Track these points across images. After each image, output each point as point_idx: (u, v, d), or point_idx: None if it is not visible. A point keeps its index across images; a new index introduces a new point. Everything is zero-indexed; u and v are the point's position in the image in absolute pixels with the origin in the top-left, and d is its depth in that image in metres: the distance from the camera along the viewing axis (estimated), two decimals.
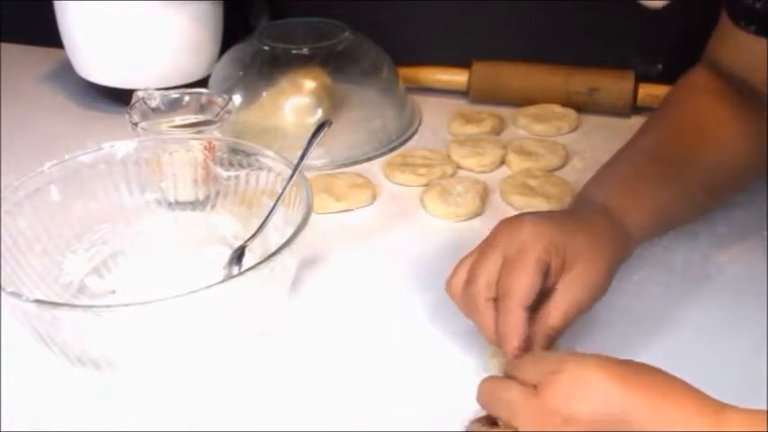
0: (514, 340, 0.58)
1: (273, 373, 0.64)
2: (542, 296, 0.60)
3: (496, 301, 0.59)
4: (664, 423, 0.47)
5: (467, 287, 0.61)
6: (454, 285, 0.62)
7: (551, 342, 0.60)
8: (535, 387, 0.50)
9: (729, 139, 0.72)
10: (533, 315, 0.59)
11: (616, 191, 0.68)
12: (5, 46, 1.21)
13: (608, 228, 0.64)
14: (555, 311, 0.59)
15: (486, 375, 0.57)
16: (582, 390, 0.48)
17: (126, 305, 0.61)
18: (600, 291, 0.61)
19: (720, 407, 0.48)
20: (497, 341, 0.59)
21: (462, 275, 0.62)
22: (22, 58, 1.19)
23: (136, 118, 0.81)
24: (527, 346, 0.58)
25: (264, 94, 0.96)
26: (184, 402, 0.62)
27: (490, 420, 0.55)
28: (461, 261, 0.62)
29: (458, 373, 0.63)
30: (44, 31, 1.08)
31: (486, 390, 0.54)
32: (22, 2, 1.17)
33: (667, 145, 0.73)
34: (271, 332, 0.68)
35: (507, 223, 0.62)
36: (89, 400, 0.62)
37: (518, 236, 0.60)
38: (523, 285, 0.58)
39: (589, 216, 0.65)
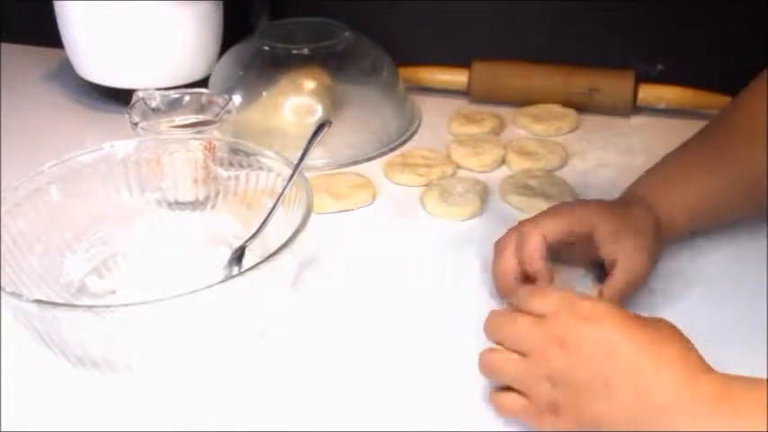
0: (537, 262, 0.66)
1: (273, 373, 0.64)
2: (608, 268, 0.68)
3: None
4: (642, 374, 0.51)
5: (505, 236, 0.70)
6: (498, 240, 0.71)
7: None
8: (542, 317, 0.55)
9: None
10: (600, 287, 0.67)
11: (656, 186, 0.73)
12: (5, 46, 1.21)
13: (649, 218, 0.69)
14: (620, 277, 0.67)
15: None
16: (586, 326, 0.53)
17: (126, 305, 0.61)
18: (649, 267, 0.68)
19: (701, 370, 0.51)
20: (509, 289, 0.67)
21: (511, 230, 0.70)
22: (22, 58, 1.20)
23: (136, 118, 0.81)
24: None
25: (264, 94, 0.96)
26: (184, 402, 0.62)
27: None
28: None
29: (458, 372, 0.63)
30: (44, 31, 1.08)
31: (495, 318, 0.59)
32: (22, 2, 1.17)
33: (713, 143, 0.73)
34: (271, 332, 0.68)
35: (565, 201, 0.74)
36: (89, 400, 0.62)
37: (563, 205, 0.71)
38: (548, 221, 0.67)
39: (634, 206, 0.71)
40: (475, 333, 0.67)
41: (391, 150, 0.96)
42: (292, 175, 0.71)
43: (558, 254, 0.70)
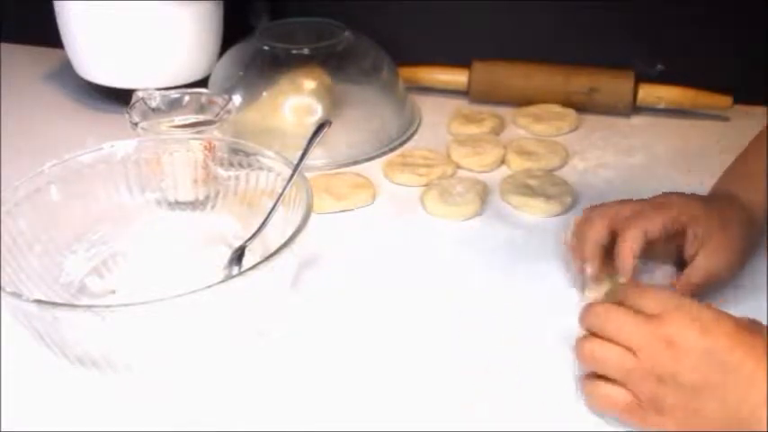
0: (629, 260, 0.66)
1: (273, 373, 0.64)
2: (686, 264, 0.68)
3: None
4: (753, 379, 0.52)
5: (598, 209, 0.71)
6: (588, 209, 0.72)
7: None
8: (649, 316, 0.55)
9: None
10: (678, 276, 0.69)
11: (740, 180, 0.74)
12: (5, 46, 1.21)
13: (739, 215, 0.70)
14: (696, 271, 0.68)
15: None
16: (695, 330, 0.53)
17: (126, 305, 0.61)
18: (734, 266, 0.69)
19: None
20: (593, 257, 0.68)
21: (602, 205, 0.71)
22: (22, 58, 1.20)
23: (136, 118, 0.81)
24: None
25: (264, 94, 0.96)
26: (184, 402, 0.62)
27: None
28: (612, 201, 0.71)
29: (458, 372, 0.63)
30: (44, 31, 1.08)
31: (596, 310, 0.58)
32: (22, 2, 1.17)
33: None
34: (271, 332, 0.68)
35: (662, 194, 0.72)
36: (89, 400, 0.62)
37: (663, 198, 0.70)
38: (652, 218, 0.67)
39: (721, 203, 0.71)
40: (475, 333, 0.67)
41: (391, 150, 0.96)
42: (292, 175, 0.71)
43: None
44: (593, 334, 0.58)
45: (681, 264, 0.70)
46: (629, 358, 0.55)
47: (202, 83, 1.01)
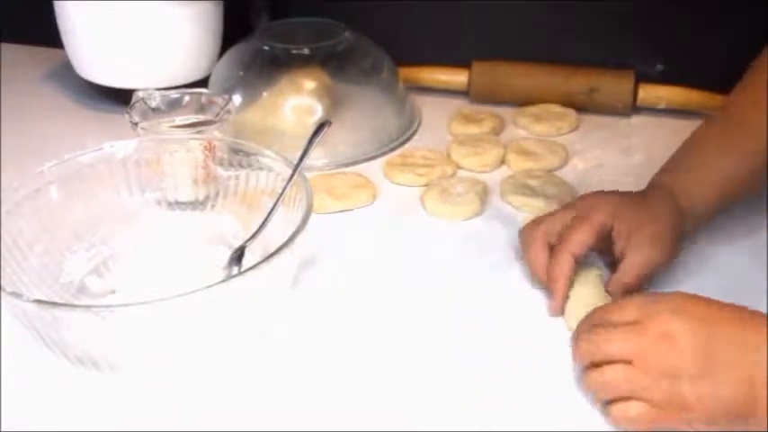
0: (562, 281, 0.68)
1: (273, 373, 0.64)
2: (618, 263, 0.69)
3: (553, 248, 0.69)
4: (744, 341, 0.53)
5: (532, 229, 0.71)
6: (525, 227, 0.73)
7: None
8: (633, 323, 0.56)
9: None
10: (610, 277, 0.69)
11: (678, 172, 0.74)
12: (5, 46, 1.21)
13: (670, 206, 0.70)
14: (628, 269, 0.68)
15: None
16: (681, 316, 0.55)
17: (126, 305, 0.61)
18: (665, 256, 0.69)
19: None
20: (542, 279, 0.70)
21: (535, 220, 0.72)
22: (22, 58, 1.20)
23: (136, 118, 0.81)
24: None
25: (264, 94, 0.96)
26: (184, 402, 0.62)
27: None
28: (542, 215, 0.73)
29: (459, 372, 0.63)
30: (44, 31, 1.08)
31: (584, 342, 0.59)
32: (22, 2, 1.17)
33: (739, 121, 0.74)
34: (271, 332, 0.68)
35: (582, 196, 0.75)
36: (89, 401, 0.62)
37: (587, 201, 0.72)
38: (577, 236, 0.68)
39: (654, 195, 0.72)
40: (475, 333, 0.67)
41: (391, 150, 0.96)
42: (292, 175, 0.71)
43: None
44: (590, 365, 0.58)
45: (613, 263, 0.71)
46: (632, 371, 0.55)
47: (202, 83, 1.01)
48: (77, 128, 1.02)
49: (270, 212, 0.72)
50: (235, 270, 0.71)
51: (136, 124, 0.80)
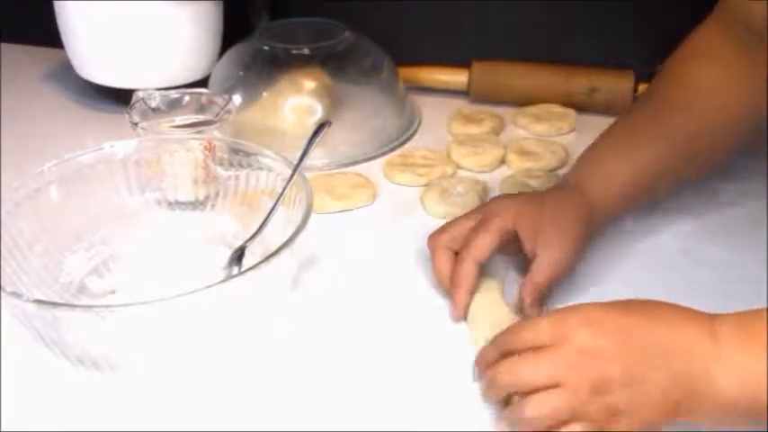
0: (463, 287, 0.67)
1: (273, 374, 0.64)
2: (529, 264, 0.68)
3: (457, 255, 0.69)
4: (670, 341, 0.53)
5: (437, 235, 0.71)
6: (432, 234, 0.72)
7: (540, 300, 0.68)
8: (551, 344, 0.54)
9: (717, 107, 0.73)
10: (521, 281, 0.68)
11: (586, 168, 0.75)
12: (5, 46, 1.21)
13: (577, 201, 0.71)
14: (539, 268, 0.68)
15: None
16: (596, 327, 0.53)
17: (126, 305, 0.61)
18: (572, 252, 0.69)
19: (709, 318, 0.53)
20: (447, 286, 0.69)
21: (440, 228, 0.72)
22: (22, 58, 1.20)
23: (136, 118, 0.81)
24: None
25: (264, 94, 0.96)
26: (184, 402, 0.62)
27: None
28: (447, 222, 0.73)
29: (458, 372, 0.63)
30: (44, 31, 1.08)
31: (499, 372, 0.56)
32: (22, 2, 1.17)
33: (647, 117, 0.75)
34: (271, 332, 0.68)
35: (491, 199, 0.74)
36: (89, 401, 0.62)
37: (491, 207, 0.71)
38: (479, 242, 0.68)
39: (561, 193, 0.73)
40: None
41: (391, 150, 0.96)
42: (292, 175, 0.71)
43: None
44: (511, 395, 0.56)
45: (525, 265, 0.70)
46: (561, 394, 0.53)
47: (202, 83, 1.01)
48: (77, 128, 1.02)
49: (270, 212, 0.72)
50: (235, 270, 0.71)
51: (136, 124, 0.80)
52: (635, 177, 0.73)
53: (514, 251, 0.71)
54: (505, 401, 0.57)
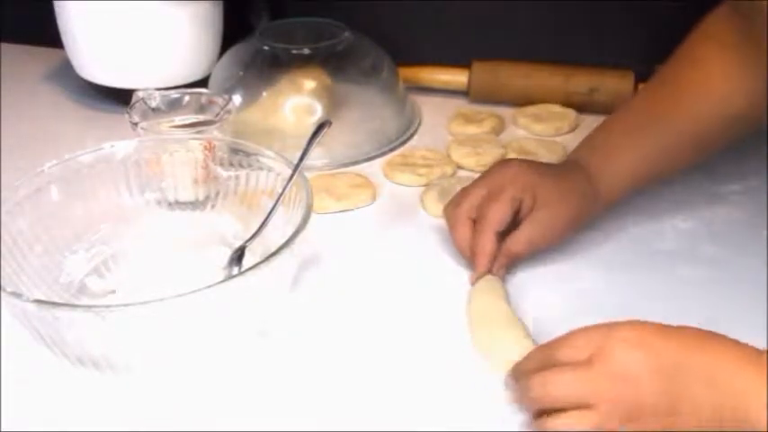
0: (485, 257, 0.70)
1: (273, 374, 0.64)
2: (512, 227, 0.71)
3: (475, 222, 0.72)
4: (712, 374, 0.50)
5: (454, 208, 0.73)
6: (448, 207, 0.75)
7: (509, 265, 0.72)
8: (585, 362, 0.52)
9: (726, 92, 0.73)
10: (502, 240, 0.71)
11: (593, 150, 0.75)
12: (5, 46, 1.21)
13: (581, 183, 0.72)
14: (517, 240, 0.71)
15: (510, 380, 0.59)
16: (636, 351, 0.51)
17: (126, 305, 0.61)
18: (558, 234, 0.72)
19: (758, 353, 0.51)
20: (470, 256, 0.72)
21: (455, 200, 0.74)
22: (22, 58, 1.20)
23: (136, 118, 0.81)
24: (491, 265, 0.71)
25: (264, 94, 0.96)
26: (184, 402, 0.62)
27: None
28: (461, 190, 0.75)
29: (458, 372, 0.63)
30: (44, 31, 1.08)
31: (531, 386, 0.55)
32: (22, 2, 1.17)
33: (656, 100, 0.76)
34: (271, 332, 0.68)
35: (499, 164, 0.76)
36: (89, 401, 0.62)
37: (503, 174, 0.73)
38: (497, 213, 0.70)
39: (567, 171, 0.74)
40: None
41: (391, 150, 0.96)
42: (292, 175, 0.71)
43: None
44: (541, 413, 0.54)
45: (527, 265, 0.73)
46: (591, 416, 0.52)
47: (202, 83, 1.01)
48: (77, 128, 1.02)
49: (270, 212, 0.72)
50: (235, 270, 0.71)
51: (136, 124, 0.80)
52: (638, 162, 0.73)
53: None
54: (538, 412, 0.56)
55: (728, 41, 0.73)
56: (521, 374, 0.57)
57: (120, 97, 0.96)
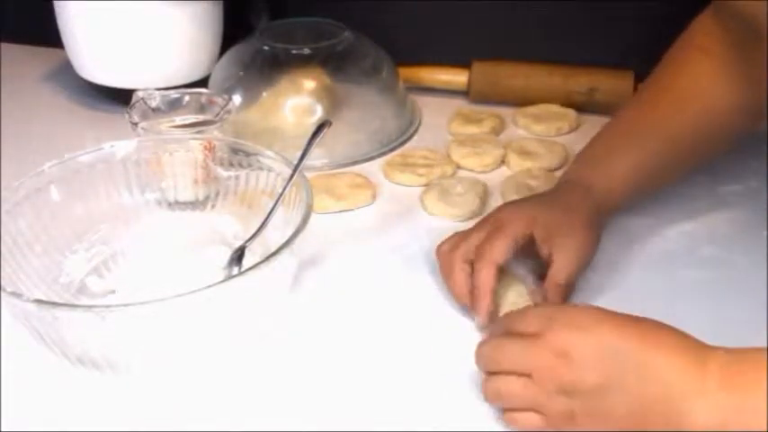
0: (487, 295, 0.66)
1: (273, 374, 0.64)
2: (546, 269, 0.68)
3: (473, 266, 0.68)
4: (645, 363, 0.52)
5: (450, 252, 0.70)
6: (441, 249, 0.71)
7: (565, 299, 0.68)
8: (533, 336, 0.55)
9: (716, 99, 0.73)
10: (541, 285, 0.68)
11: (588, 164, 0.76)
12: (5, 46, 1.21)
13: (585, 201, 0.72)
14: (557, 270, 0.68)
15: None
16: (584, 333, 0.54)
17: (126, 305, 0.61)
18: (591, 253, 0.70)
19: (703, 350, 0.52)
20: (468, 301, 0.68)
21: (450, 242, 0.71)
22: (22, 58, 1.20)
23: (136, 118, 0.81)
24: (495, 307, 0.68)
25: (264, 94, 0.96)
26: (184, 402, 0.62)
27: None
28: (455, 233, 0.72)
29: (458, 372, 0.63)
30: (44, 31, 1.08)
31: (485, 349, 0.59)
32: (22, 2, 1.17)
33: (646, 110, 0.76)
34: (271, 332, 0.68)
35: (496, 209, 0.73)
36: (89, 400, 0.62)
37: (502, 215, 0.71)
38: (496, 246, 0.67)
39: (565, 192, 0.73)
40: (475, 333, 0.67)
41: (391, 150, 0.96)
42: (292, 175, 0.71)
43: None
44: (492, 373, 0.58)
45: (541, 268, 0.70)
46: (530, 384, 0.55)
47: (202, 83, 1.01)
48: (77, 128, 1.01)
49: (270, 212, 0.72)
50: (235, 270, 0.71)
51: (136, 124, 0.80)
52: (636, 171, 0.73)
53: (527, 256, 0.70)
54: (488, 373, 0.59)
55: (713, 50, 0.73)
56: (486, 337, 0.61)
57: (120, 97, 0.95)
